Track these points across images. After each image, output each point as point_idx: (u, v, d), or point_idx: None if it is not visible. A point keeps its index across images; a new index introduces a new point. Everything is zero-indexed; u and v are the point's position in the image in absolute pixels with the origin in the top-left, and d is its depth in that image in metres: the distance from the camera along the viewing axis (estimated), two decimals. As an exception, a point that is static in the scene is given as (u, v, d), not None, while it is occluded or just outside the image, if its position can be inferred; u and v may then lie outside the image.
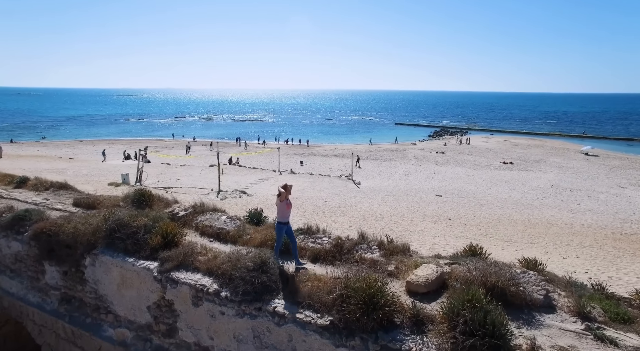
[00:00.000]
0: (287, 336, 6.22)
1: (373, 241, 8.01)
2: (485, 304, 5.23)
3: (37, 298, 9.63)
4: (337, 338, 5.80)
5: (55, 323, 9.40)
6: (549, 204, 37.06)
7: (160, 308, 7.64)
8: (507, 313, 5.93)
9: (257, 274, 6.60)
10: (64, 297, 9.28)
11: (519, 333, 5.53)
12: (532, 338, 5.29)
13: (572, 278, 6.95)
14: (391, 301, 5.60)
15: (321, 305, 6.08)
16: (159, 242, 8.11)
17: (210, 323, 7.02)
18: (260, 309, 6.46)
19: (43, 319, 9.30)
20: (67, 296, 9.26)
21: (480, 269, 6.43)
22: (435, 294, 6.39)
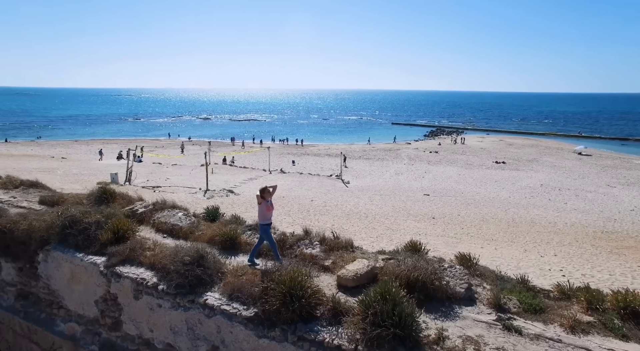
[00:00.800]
0: (216, 327, 6.43)
1: (316, 237, 8.20)
2: (398, 297, 5.42)
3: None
4: (260, 329, 6.00)
5: (11, 320, 9.59)
6: (535, 204, 37.26)
7: (106, 302, 7.85)
8: (428, 305, 6.13)
9: (192, 268, 6.80)
10: (20, 293, 9.47)
11: (434, 324, 5.72)
12: (441, 328, 5.48)
13: (501, 273, 7.13)
14: (310, 293, 5.79)
15: (248, 297, 6.29)
16: (109, 238, 8.31)
17: (150, 316, 7.22)
18: (193, 301, 6.66)
19: (0, 316, 9.50)
20: (23, 292, 9.46)
21: (409, 264, 6.61)
22: (365, 288, 6.58)
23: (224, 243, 8.35)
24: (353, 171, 50.93)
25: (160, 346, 7.26)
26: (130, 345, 7.75)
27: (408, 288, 6.20)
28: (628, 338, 5.36)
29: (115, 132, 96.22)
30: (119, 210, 10.02)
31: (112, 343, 8.09)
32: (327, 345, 5.48)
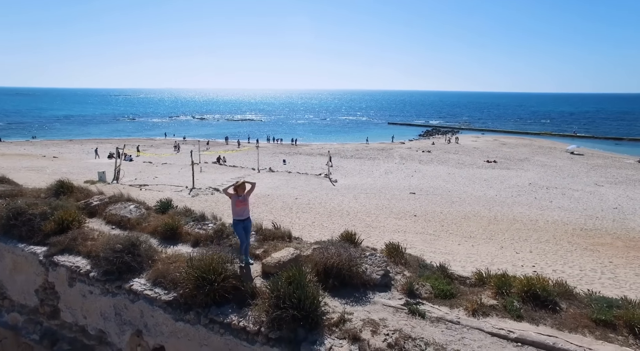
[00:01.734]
0: (140, 312, 6.61)
1: (253, 227, 8.37)
2: (302, 281, 5.59)
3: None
4: (177, 313, 6.19)
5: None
6: (521, 202, 37.36)
7: (45, 290, 8.02)
8: (343, 291, 6.31)
9: (121, 255, 6.98)
10: (-29, 284, 9.63)
11: (343, 308, 5.89)
12: (346, 312, 5.65)
13: (423, 261, 7.30)
14: (223, 278, 5.96)
15: (170, 283, 6.47)
16: (52, 228, 8.49)
17: (83, 303, 7.40)
18: (120, 287, 6.84)
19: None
20: (-26, 283, 9.62)
21: (331, 251, 6.79)
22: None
23: (166, 233, 8.52)
24: (343, 170, 51.10)
25: (93, 332, 7.43)
26: (68, 333, 7.93)
27: (325, 274, 6.38)
28: (522, 318, 5.53)
29: (111, 132, 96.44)
30: (72, 203, 10.20)
31: (52, 332, 8.27)
32: (233, 326, 5.66)
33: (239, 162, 52.29)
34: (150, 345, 6.58)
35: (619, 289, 17.46)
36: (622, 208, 35.77)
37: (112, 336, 7.10)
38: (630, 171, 55.63)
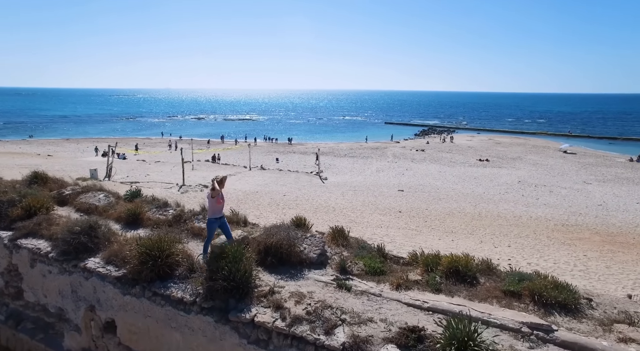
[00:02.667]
0: (93, 288, 7.06)
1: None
2: (237, 256, 6.04)
3: None
4: (125, 288, 6.65)
5: None
6: (508, 199, 37.75)
7: (10, 272, 8.48)
8: (281, 268, 6.77)
9: (78, 236, 7.43)
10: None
11: (277, 282, 6.35)
12: (276, 285, 6.11)
13: (364, 243, 7.75)
14: (167, 255, 6.42)
15: (121, 261, 6.92)
16: (19, 214, 8.95)
17: (43, 282, 7.86)
18: (76, 266, 7.30)
19: None
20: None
21: (276, 234, 7.24)
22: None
23: (129, 219, 8.97)
24: (335, 168, 51.50)
25: (53, 310, 7.89)
26: (31, 312, 8.39)
27: (266, 253, 6.84)
28: (440, 291, 5.97)
29: (108, 131, 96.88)
30: (44, 192, 10.65)
31: (18, 312, 8.73)
32: (172, 298, 6.12)
33: (232, 161, 52.73)
34: (102, 319, 7.04)
35: (587, 280, 17.95)
36: (606, 205, 36.15)
37: (69, 313, 7.56)
38: (620, 169, 55.98)
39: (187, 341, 6.09)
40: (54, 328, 8.04)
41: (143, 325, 6.52)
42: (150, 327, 6.45)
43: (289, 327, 5.26)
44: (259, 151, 67.53)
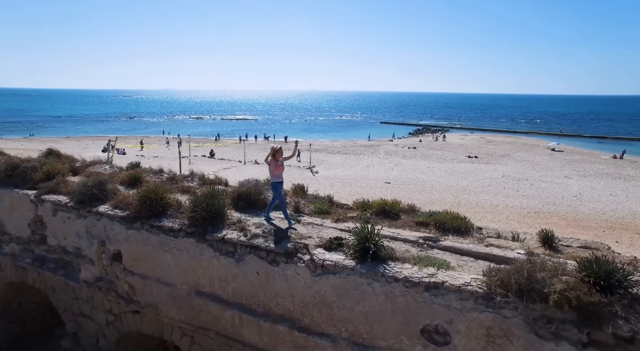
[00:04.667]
0: (103, 227, 9.06)
1: (197, 176, 10.84)
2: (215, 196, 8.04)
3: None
4: (129, 224, 8.65)
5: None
6: (489, 191, 39.72)
7: (35, 223, 10.46)
8: (250, 210, 8.75)
9: (91, 189, 9.42)
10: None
11: (245, 217, 8.32)
12: (243, 219, 8.10)
13: (318, 195, 9.74)
14: (159, 198, 8.41)
15: (125, 205, 8.92)
16: (41, 177, 10.94)
17: (63, 227, 9.85)
18: (89, 211, 9.29)
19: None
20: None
21: (246, 185, 9.24)
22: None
23: (130, 181, 10.92)
24: (327, 164, 53.49)
25: (71, 249, 9.87)
26: (53, 255, 10.37)
27: (238, 199, 8.84)
28: (368, 222, 7.94)
29: (108, 130, 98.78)
30: (59, 164, 12.62)
31: (41, 257, 10.71)
32: (165, 228, 8.13)
33: (228, 156, 54.74)
34: (111, 251, 9.03)
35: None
36: (581, 196, 38.15)
37: (85, 250, 9.54)
38: (603, 165, 57.95)
39: (175, 260, 8.07)
40: (72, 265, 10.01)
41: (142, 251, 8.51)
42: (148, 253, 8.43)
43: (249, 240, 7.24)
44: (255, 148, 69.51)
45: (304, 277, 6.63)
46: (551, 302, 4.92)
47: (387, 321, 6.04)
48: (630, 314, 4.72)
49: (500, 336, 5.35)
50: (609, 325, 4.74)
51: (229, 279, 7.50)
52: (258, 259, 7.12)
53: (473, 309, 5.45)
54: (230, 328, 7.61)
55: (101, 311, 9.66)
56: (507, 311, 5.26)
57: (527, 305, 5.14)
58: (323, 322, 6.60)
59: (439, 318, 5.69)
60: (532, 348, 5.19)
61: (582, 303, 4.87)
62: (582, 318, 4.93)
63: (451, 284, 5.58)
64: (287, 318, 6.95)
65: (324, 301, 6.51)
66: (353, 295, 6.24)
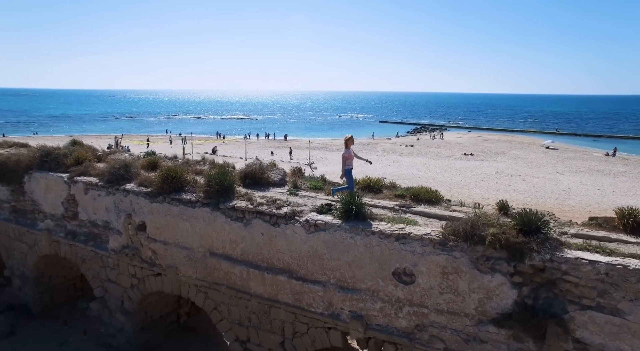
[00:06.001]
0: (129, 202, 10.65)
1: (207, 161, 12.43)
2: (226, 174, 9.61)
3: (-6, 211, 13.99)
4: (152, 198, 10.23)
5: (7, 227, 13.77)
6: (482, 186, 41.26)
7: (68, 201, 12.04)
8: (255, 187, 10.32)
9: (118, 170, 11.02)
10: (13, 209, 13.65)
11: (252, 192, 9.88)
12: (250, 192, 9.68)
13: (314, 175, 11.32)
14: (178, 177, 9.99)
15: (149, 183, 10.50)
16: (71, 162, 12.52)
17: (94, 203, 11.43)
18: (117, 189, 10.87)
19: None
20: (15, 209, 13.65)
21: (252, 166, 10.83)
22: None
23: (149, 166, 12.47)
24: (326, 160, 55.06)
25: (101, 223, 11.46)
26: (84, 229, 11.95)
27: (245, 177, 10.43)
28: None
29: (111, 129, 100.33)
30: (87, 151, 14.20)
31: (73, 232, 12.29)
32: (183, 200, 9.72)
33: (230, 153, 56.32)
34: (136, 222, 10.61)
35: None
36: (570, 190, 39.71)
37: (113, 222, 11.12)
38: (595, 162, 59.47)
39: (193, 227, 9.65)
40: (100, 237, 11.58)
41: (164, 221, 10.08)
42: (169, 222, 10.00)
43: (255, 207, 8.82)
44: (256, 146, 71.08)
45: (300, 235, 8.21)
46: (487, 243, 6.49)
47: (366, 267, 7.61)
48: (541, 249, 6.28)
49: (452, 273, 6.91)
50: (528, 258, 6.31)
51: (238, 241, 9.08)
52: (263, 222, 8.69)
53: (432, 253, 7.01)
54: (239, 282, 9.19)
55: (126, 276, 11.25)
56: (456, 253, 6.82)
57: (471, 247, 6.71)
58: (316, 271, 8.17)
59: (406, 262, 7.25)
60: (475, 280, 6.75)
61: (509, 243, 6.44)
62: (511, 255, 6.50)
63: (415, 235, 7.15)
64: (286, 270, 8.53)
65: (316, 254, 8.09)
66: (339, 247, 7.81)
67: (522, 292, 6.46)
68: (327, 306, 8.13)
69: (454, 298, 6.92)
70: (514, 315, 6.45)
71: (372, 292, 7.60)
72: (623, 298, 5.75)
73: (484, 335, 6.77)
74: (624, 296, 5.74)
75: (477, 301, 6.75)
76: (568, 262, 6.09)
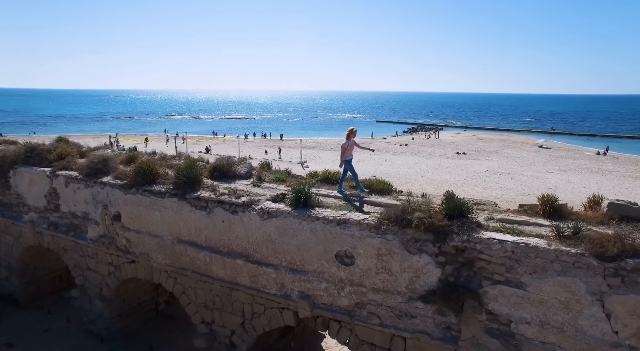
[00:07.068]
0: (106, 194, 11.38)
1: (183, 156, 13.14)
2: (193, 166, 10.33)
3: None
4: (127, 190, 10.97)
5: (-7, 220, 14.51)
6: (470, 183, 41.95)
7: (50, 194, 12.78)
8: (222, 179, 11.03)
9: (96, 165, 11.75)
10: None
11: (218, 184, 10.59)
12: (216, 184, 10.40)
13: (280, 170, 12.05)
14: (150, 170, 10.71)
15: (124, 177, 11.23)
16: (54, 158, 13.26)
17: (74, 196, 12.16)
18: (95, 182, 11.60)
19: (-15, 218, 14.46)
20: (1, 202, 14.39)
21: (221, 160, 11.55)
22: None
23: (128, 161, 13.16)
24: (319, 159, 55.78)
25: (80, 214, 12.20)
26: (65, 220, 12.69)
27: (214, 171, 11.15)
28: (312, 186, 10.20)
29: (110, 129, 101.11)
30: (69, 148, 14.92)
31: (55, 223, 13.02)
32: (154, 191, 10.47)
33: (224, 152, 56.96)
34: (112, 212, 11.35)
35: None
36: (556, 188, 40.31)
37: (91, 213, 11.86)
38: (585, 161, 60.12)
39: (162, 216, 10.38)
40: (80, 228, 12.31)
41: (137, 211, 10.81)
42: (141, 212, 10.73)
43: (217, 197, 9.55)
44: (251, 145, 71.83)
45: (255, 221, 8.93)
46: (413, 226, 7.20)
47: (313, 250, 8.33)
48: (461, 231, 7.00)
49: (385, 254, 7.63)
50: (449, 239, 7.02)
51: (202, 228, 9.81)
52: (223, 210, 9.42)
53: (368, 236, 7.73)
54: (203, 267, 9.92)
55: (104, 264, 11.98)
56: (389, 236, 7.54)
57: (402, 230, 7.42)
58: (269, 255, 8.90)
59: (346, 245, 7.97)
60: (405, 260, 7.47)
61: (434, 226, 7.16)
62: (436, 237, 7.21)
63: (354, 220, 7.88)
64: (244, 254, 9.26)
65: (270, 239, 8.81)
66: (289, 233, 8.53)
67: (445, 270, 7.17)
68: (279, 288, 8.85)
69: (388, 277, 7.63)
70: (437, 292, 7.16)
71: (318, 273, 8.32)
72: (525, 272, 6.46)
73: (414, 310, 7.48)
74: (525, 271, 6.46)
75: (408, 280, 7.47)
76: (482, 242, 6.80)
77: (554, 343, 6.40)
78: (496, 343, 6.83)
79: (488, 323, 6.85)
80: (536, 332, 6.51)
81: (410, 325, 7.52)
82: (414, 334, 7.45)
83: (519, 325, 6.62)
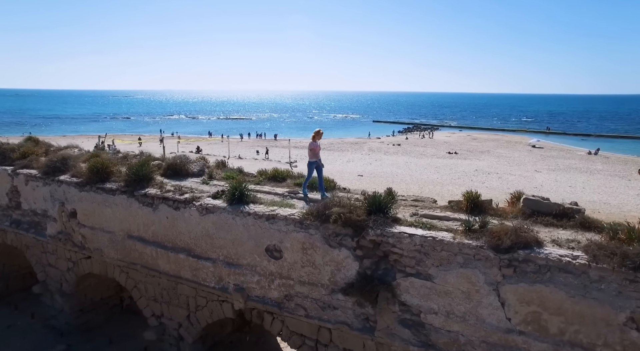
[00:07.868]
0: (63, 191, 11.71)
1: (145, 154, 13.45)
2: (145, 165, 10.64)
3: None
4: (81, 188, 11.29)
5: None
6: (456, 183, 42.13)
7: (12, 192, 13.11)
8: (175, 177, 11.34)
9: (54, 163, 12.07)
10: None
11: (169, 181, 10.90)
12: (166, 182, 10.70)
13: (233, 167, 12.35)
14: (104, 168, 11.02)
15: (79, 174, 11.55)
16: (17, 156, 13.61)
17: (33, 194, 12.49)
18: (53, 180, 11.92)
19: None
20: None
21: (175, 158, 11.85)
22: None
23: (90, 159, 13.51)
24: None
25: (40, 211, 12.52)
26: (26, 218, 13.01)
27: (168, 169, 11.46)
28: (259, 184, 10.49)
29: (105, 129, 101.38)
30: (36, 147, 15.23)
31: (17, 221, 13.35)
32: (107, 189, 10.79)
33: (215, 152, 57.30)
34: (68, 209, 11.67)
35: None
36: (542, 187, 40.51)
37: (49, 211, 12.18)
38: (575, 160, 60.31)
39: (113, 212, 10.70)
40: (40, 224, 12.64)
41: (91, 208, 11.13)
42: (95, 209, 11.06)
43: (162, 194, 9.87)
44: (244, 145, 72.20)
45: (195, 217, 9.25)
46: (331, 220, 7.50)
47: (246, 244, 8.64)
48: (377, 226, 7.29)
49: (309, 248, 7.93)
50: (365, 233, 7.32)
51: (149, 224, 10.13)
52: (167, 207, 9.74)
53: (293, 231, 8.04)
54: (150, 261, 10.24)
55: (63, 260, 12.30)
56: (312, 230, 7.84)
57: (324, 225, 7.73)
58: (208, 250, 9.21)
59: (275, 239, 8.28)
60: (327, 254, 7.77)
61: (352, 221, 7.46)
62: (354, 232, 7.51)
63: (281, 215, 8.18)
64: (186, 249, 9.58)
65: (208, 234, 9.13)
66: (225, 227, 8.85)
67: (363, 263, 7.47)
68: (217, 281, 9.17)
69: (313, 270, 7.94)
70: (355, 284, 7.46)
71: (251, 267, 8.63)
72: (432, 264, 6.76)
73: (336, 302, 7.79)
74: (433, 263, 6.76)
75: (330, 272, 7.77)
76: (394, 236, 7.10)
77: (458, 331, 6.70)
78: (408, 332, 7.12)
79: (401, 314, 7.15)
80: (442, 321, 6.80)
81: (332, 316, 7.82)
82: (336, 325, 7.75)
83: (428, 315, 6.91)
